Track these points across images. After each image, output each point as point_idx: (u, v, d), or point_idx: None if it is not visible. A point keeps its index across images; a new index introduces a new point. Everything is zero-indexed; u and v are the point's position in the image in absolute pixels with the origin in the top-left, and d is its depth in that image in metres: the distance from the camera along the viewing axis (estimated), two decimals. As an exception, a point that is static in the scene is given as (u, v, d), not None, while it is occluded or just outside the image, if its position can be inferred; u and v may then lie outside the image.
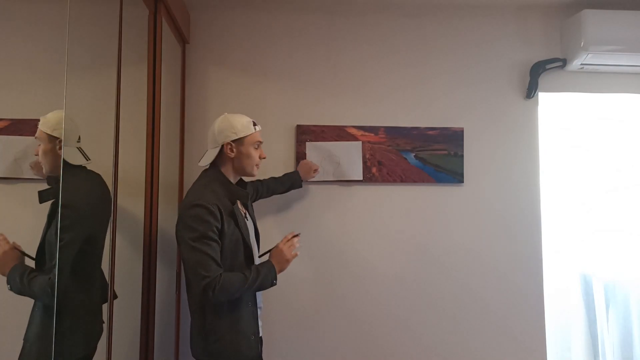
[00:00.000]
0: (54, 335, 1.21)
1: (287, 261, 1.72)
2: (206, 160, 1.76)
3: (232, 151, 1.72)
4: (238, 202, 1.74)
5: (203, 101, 2.39)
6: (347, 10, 2.48)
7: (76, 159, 1.36)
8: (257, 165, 1.79)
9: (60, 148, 1.28)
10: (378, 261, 2.41)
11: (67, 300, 1.26)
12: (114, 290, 1.45)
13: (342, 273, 2.40)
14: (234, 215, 1.69)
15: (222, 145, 1.72)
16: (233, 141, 1.71)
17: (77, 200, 1.35)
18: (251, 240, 1.76)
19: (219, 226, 1.61)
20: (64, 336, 1.26)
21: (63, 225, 1.22)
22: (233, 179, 1.79)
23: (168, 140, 2.06)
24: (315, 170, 2.32)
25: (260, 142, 1.79)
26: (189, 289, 1.69)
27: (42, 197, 1.27)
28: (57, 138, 1.29)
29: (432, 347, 2.41)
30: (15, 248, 1.26)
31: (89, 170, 1.42)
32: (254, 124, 1.77)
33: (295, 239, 1.77)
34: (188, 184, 2.32)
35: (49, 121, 1.29)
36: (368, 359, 2.38)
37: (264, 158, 1.82)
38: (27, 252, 1.38)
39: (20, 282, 1.24)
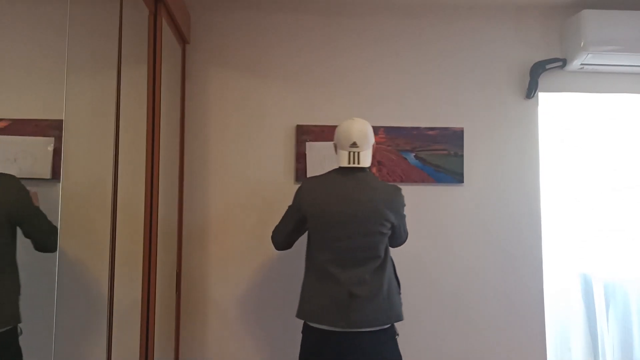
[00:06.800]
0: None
1: None
2: (367, 161, 1.87)
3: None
4: None
5: (203, 101, 2.39)
6: (347, 11, 2.48)
7: None
8: None
9: None
10: (378, 261, 2.41)
11: None
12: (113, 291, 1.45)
13: (342, 273, 2.40)
14: None
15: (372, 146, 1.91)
16: None
17: None
18: None
19: None
20: None
21: None
22: None
23: (168, 140, 2.07)
24: None
25: None
26: None
27: None
28: None
29: (431, 347, 2.41)
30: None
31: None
32: None
33: None
34: (188, 184, 2.33)
35: None
36: (368, 359, 2.38)
37: None
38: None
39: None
